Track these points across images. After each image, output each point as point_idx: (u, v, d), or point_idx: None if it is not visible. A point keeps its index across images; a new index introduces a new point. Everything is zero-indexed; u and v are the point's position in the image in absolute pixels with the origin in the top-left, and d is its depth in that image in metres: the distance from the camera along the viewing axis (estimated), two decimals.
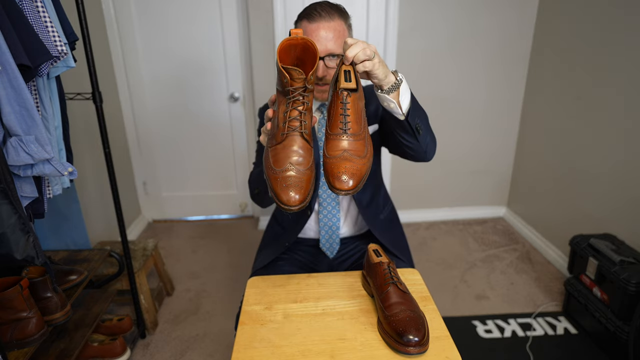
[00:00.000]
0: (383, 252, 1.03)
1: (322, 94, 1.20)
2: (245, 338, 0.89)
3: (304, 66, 0.83)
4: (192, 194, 3.02)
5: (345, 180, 0.75)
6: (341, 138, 0.79)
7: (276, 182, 0.77)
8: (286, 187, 0.75)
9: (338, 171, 0.76)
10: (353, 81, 0.83)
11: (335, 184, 0.75)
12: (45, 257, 1.24)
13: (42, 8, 1.21)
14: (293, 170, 0.77)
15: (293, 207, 0.75)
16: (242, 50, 2.65)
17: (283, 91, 0.80)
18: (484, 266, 2.43)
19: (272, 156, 0.80)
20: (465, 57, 2.61)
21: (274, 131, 0.82)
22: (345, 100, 0.81)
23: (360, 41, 0.85)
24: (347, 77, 0.83)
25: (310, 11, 1.12)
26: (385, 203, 1.41)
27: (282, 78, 0.77)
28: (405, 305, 0.88)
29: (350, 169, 0.76)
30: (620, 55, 1.92)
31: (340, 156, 0.77)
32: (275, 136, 0.82)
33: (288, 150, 0.79)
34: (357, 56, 0.83)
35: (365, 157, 0.79)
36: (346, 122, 0.80)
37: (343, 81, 0.82)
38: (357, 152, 0.79)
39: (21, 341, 1.17)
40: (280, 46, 0.77)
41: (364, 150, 0.80)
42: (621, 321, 1.65)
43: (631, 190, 1.88)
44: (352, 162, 0.77)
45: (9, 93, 1.10)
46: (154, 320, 1.95)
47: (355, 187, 0.76)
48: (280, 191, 0.76)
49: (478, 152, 2.86)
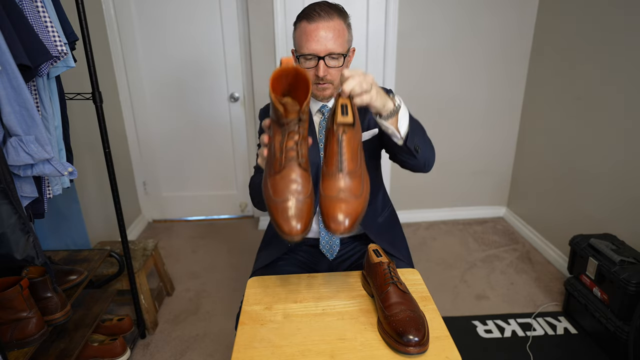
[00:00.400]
0: (383, 252, 1.04)
1: (323, 92, 1.20)
2: (245, 338, 0.89)
3: (296, 92, 0.84)
4: (192, 194, 3.02)
5: (340, 222, 0.76)
6: (337, 177, 0.80)
7: (277, 212, 0.78)
8: (287, 218, 0.77)
9: (334, 213, 0.76)
10: (350, 116, 0.83)
11: (330, 226, 0.76)
12: (45, 257, 1.25)
13: (42, 8, 1.21)
14: (293, 200, 0.78)
15: (296, 237, 0.77)
16: (242, 50, 2.65)
17: (278, 122, 0.80)
18: (484, 266, 2.43)
19: (272, 186, 0.81)
20: (466, 57, 2.61)
21: (272, 160, 0.83)
22: (341, 138, 0.82)
23: (357, 73, 0.85)
24: (344, 111, 0.84)
25: (309, 11, 1.13)
26: (384, 206, 1.40)
27: (277, 111, 0.77)
28: (405, 305, 0.88)
29: (345, 210, 0.77)
30: (620, 55, 1.92)
31: (336, 197, 0.78)
32: (273, 165, 0.82)
33: (287, 180, 0.80)
34: (354, 90, 0.84)
35: (361, 197, 0.80)
36: (342, 161, 0.81)
37: (340, 115, 0.83)
38: (353, 191, 0.79)
39: (21, 341, 1.17)
40: (272, 76, 0.78)
41: (360, 189, 0.80)
42: (621, 321, 1.65)
43: (631, 190, 1.88)
44: (347, 203, 0.77)
45: (9, 93, 1.10)
46: (154, 320, 1.95)
47: (351, 228, 0.76)
48: (282, 222, 0.77)
49: (478, 152, 2.86)
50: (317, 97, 1.23)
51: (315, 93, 1.21)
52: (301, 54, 1.15)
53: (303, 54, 1.14)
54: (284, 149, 0.80)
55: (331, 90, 1.21)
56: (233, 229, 2.94)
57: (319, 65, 1.13)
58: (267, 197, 0.82)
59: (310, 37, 1.12)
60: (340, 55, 1.14)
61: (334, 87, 1.20)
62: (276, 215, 0.78)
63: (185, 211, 3.07)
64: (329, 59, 1.14)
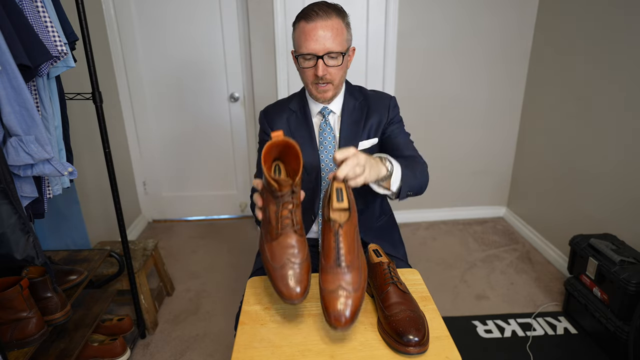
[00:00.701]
0: (383, 252, 1.04)
1: (324, 94, 1.20)
2: (245, 338, 0.89)
3: (288, 158, 0.90)
4: (192, 194, 3.02)
5: (341, 316, 0.79)
6: (336, 271, 0.83)
7: (276, 277, 0.83)
8: (287, 284, 0.81)
9: (333, 308, 0.80)
10: (345, 201, 0.89)
11: (331, 321, 0.80)
12: (45, 257, 1.25)
13: (42, 8, 1.21)
14: (290, 265, 0.83)
15: (295, 301, 0.81)
16: (242, 51, 2.65)
17: (272, 195, 0.85)
18: (484, 266, 2.43)
19: (269, 252, 0.86)
20: (466, 57, 2.61)
21: (267, 227, 0.88)
22: (338, 232, 0.85)
23: (350, 157, 0.88)
24: (339, 196, 0.89)
25: (308, 11, 1.13)
26: (381, 213, 1.39)
27: (271, 185, 0.82)
28: (405, 305, 0.88)
29: (345, 304, 0.80)
30: (620, 55, 1.92)
31: (335, 291, 0.82)
32: (269, 232, 0.87)
33: (283, 246, 0.85)
34: (348, 175, 0.88)
35: (359, 290, 0.83)
36: (340, 256, 0.84)
37: (335, 201, 0.88)
38: (351, 285, 0.83)
39: (21, 341, 1.17)
40: (264, 150, 0.83)
41: (358, 281, 0.83)
42: (621, 321, 1.65)
43: (631, 190, 1.88)
44: (347, 297, 0.81)
45: (9, 93, 1.10)
46: (154, 320, 1.95)
47: (351, 322, 0.80)
48: (282, 287, 0.82)
49: (478, 152, 2.86)
50: (318, 100, 1.22)
51: (316, 95, 1.21)
52: (300, 54, 1.15)
53: (302, 53, 1.14)
54: (279, 217, 0.85)
55: (332, 92, 1.20)
56: (233, 229, 2.94)
57: (318, 65, 1.13)
58: (265, 261, 0.87)
59: (308, 36, 1.12)
60: (339, 53, 1.14)
61: (334, 87, 1.19)
62: (275, 280, 0.83)
63: (185, 211, 3.07)
64: (328, 58, 1.13)
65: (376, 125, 1.27)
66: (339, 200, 0.88)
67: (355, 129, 1.26)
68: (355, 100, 1.28)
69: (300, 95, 1.31)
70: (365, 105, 1.28)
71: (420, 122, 2.70)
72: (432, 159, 2.88)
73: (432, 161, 2.87)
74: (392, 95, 1.33)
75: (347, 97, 1.28)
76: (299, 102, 1.30)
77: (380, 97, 1.31)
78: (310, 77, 1.17)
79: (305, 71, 1.17)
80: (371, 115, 1.27)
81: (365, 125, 1.26)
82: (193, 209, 3.07)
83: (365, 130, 1.26)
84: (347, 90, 1.29)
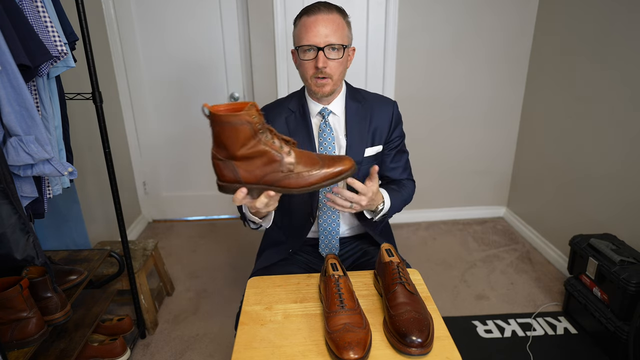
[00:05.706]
0: (395, 252, 1.03)
1: (322, 88, 1.18)
2: (245, 338, 0.89)
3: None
4: (192, 194, 3.02)
5: (351, 350, 0.80)
6: (340, 313, 0.88)
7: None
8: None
9: (343, 343, 0.81)
10: (340, 270, 1.00)
11: (343, 357, 0.80)
12: (45, 257, 1.24)
13: (42, 8, 1.21)
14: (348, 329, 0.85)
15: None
16: (242, 50, 2.65)
17: (255, 134, 0.89)
18: (484, 266, 2.43)
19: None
20: (466, 57, 2.60)
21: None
22: (338, 281, 0.95)
23: (368, 195, 1.07)
24: (334, 268, 1.01)
25: (310, 7, 1.15)
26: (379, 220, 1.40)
27: (250, 124, 0.87)
28: (411, 306, 0.87)
29: (354, 339, 0.81)
30: (621, 55, 1.92)
31: (342, 329, 0.84)
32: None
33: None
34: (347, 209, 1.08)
35: (365, 328, 0.86)
36: (342, 300, 0.90)
37: (331, 271, 0.99)
38: (356, 324, 0.85)
39: (21, 341, 1.17)
40: (217, 109, 0.87)
41: (362, 322, 0.87)
42: (621, 321, 1.65)
43: (631, 190, 1.88)
44: (354, 332, 0.83)
45: (9, 93, 1.10)
46: (154, 320, 1.95)
47: (364, 355, 0.80)
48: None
49: (478, 152, 2.86)
50: (317, 94, 1.20)
51: (314, 89, 1.18)
52: (300, 46, 1.15)
53: (302, 45, 1.14)
54: (281, 144, 0.90)
55: (330, 87, 1.18)
56: (233, 229, 2.94)
57: (319, 56, 1.12)
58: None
59: (309, 28, 1.12)
60: (340, 46, 1.14)
61: (332, 82, 1.17)
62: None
63: (185, 211, 3.07)
64: (329, 50, 1.13)
65: (380, 131, 1.27)
66: (334, 270, 1.00)
67: (361, 134, 1.25)
68: (357, 102, 1.27)
69: (299, 95, 1.30)
70: (368, 108, 1.27)
71: (420, 122, 2.70)
72: (431, 158, 2.90)
73: (432, 161, 2.89)
74: (394, 100, 1.32)
75: (348, 98, 1.27)
76: (298, 102, 1.28)
77: (382, 100, 1.31)
78: (310, 70, 1.16)
79: (305, 64, 1.16)
80: (374, 119, 1.26)
81: (369, 129, 1.26)
82: (193, 209, 3.07)
83: (369, 134, 1.26)
84: (348, 91, 1.28)
